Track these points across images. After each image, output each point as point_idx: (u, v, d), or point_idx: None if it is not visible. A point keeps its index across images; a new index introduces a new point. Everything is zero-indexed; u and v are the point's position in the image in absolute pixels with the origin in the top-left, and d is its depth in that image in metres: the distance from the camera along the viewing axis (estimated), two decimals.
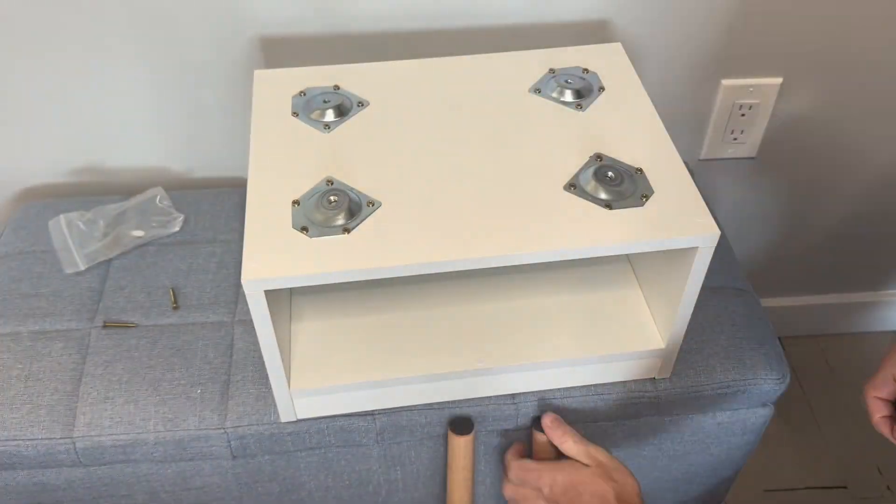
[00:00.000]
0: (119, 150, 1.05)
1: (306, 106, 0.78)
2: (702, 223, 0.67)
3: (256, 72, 0.83)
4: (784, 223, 1.32)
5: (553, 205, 0.69)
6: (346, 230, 0.66)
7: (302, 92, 0.80)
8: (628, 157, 0.73)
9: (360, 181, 0.71)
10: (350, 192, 0.69)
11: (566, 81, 0.81)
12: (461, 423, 0.81)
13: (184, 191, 1.02)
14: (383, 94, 0.80)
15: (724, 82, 1.08)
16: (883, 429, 0.74)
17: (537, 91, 0.81)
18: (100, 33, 0.93)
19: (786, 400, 0.88)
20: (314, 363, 0.77)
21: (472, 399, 0.81)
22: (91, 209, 0.98)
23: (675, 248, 0.68)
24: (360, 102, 0.79)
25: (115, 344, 0.85)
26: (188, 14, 0.92)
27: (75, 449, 0.79)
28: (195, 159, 1.08)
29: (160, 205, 0.99)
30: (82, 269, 0.92)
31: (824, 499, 1.36)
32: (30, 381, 0.82)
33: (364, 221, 0.67)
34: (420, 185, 0.71)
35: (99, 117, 1.01)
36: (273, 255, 0.64)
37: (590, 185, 0.70)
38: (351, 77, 0.82)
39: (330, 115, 0.77)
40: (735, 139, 1.15)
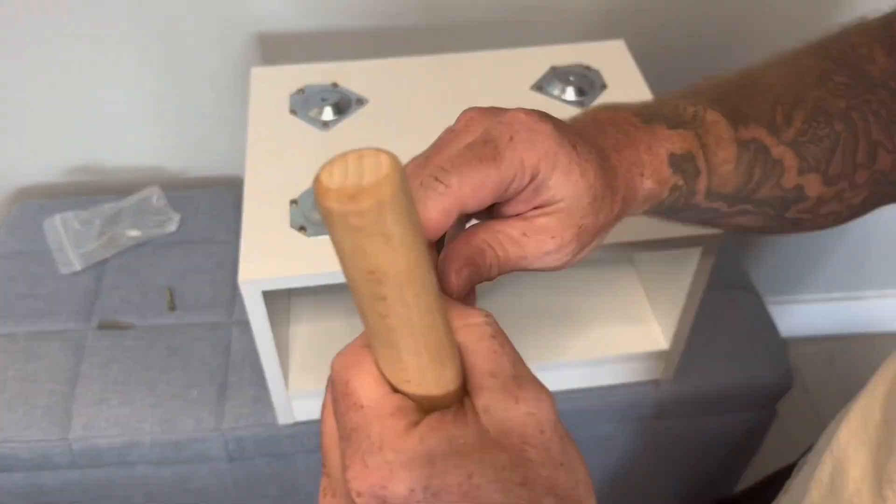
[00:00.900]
0: (114, 148, 1.04)
1: (304, 104, 0.77)
2: None
3: (254, 69, 0.82)
4: None
5: None
6: None
7: (300, 89, 0.79)
8: None
9: None
10: None
11: (568, 79, 0.80)
12: None
13: (180, 190, 1.01)
14: (382, 91, 0.79)
15: None
16: None
17: (539, 89, 0.80)
18: (95, 31, 0.92)
19: (789, 402, 0.88)
20: (312, 364, 0.76)
21: None
22: (87, 209, 0.97)
23: (679, 248, 0.68)
24: (358, 100, 0.78)
25: (112, 345, 0.84)
26: (184, 11, 0.91)
27: (71, 451, 0.78)
28: (192, 158, 1.07)
29: (156, 204, 0.98)
30: (78, 269, 0.91)
31: None
32: (25, 383, 0.81)
33: None
34: None
35: (94, 116, 1.00)
36: (270, 255, 0.64)
37: None
38: (350, 74, 0.81)
39: (328, 113, 0.76)
40: None
